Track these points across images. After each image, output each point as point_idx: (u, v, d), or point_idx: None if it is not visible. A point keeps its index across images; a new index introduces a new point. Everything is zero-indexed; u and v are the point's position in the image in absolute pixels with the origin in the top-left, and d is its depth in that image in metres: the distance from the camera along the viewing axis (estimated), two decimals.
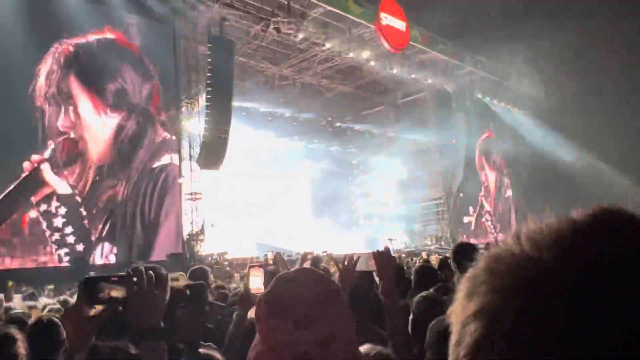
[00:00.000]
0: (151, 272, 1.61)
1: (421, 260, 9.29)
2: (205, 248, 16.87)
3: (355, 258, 2.54)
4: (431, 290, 3.43)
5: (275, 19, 17.81)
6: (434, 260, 9.71)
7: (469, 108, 25.95)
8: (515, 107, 28.96)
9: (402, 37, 20.24)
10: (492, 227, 28.60)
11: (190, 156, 17.18)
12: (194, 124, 17.61)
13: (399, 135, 27.51)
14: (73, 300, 5.08)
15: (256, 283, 2.71)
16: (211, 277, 4.67)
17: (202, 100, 17.33)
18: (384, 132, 29.08)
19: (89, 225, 14.25)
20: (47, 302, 5.33)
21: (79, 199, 14.17)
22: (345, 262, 2.55)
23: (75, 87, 14.55)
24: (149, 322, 1.54)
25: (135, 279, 1.57)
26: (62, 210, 13.75)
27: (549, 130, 26.91)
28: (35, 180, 13.36)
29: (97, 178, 14.55)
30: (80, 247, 13.92)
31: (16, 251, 12.85)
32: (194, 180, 17.14)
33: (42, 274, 12.13)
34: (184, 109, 17.52)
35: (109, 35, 15.56)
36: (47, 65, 14.12)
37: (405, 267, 7.16)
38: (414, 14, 20.89)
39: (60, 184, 13.88)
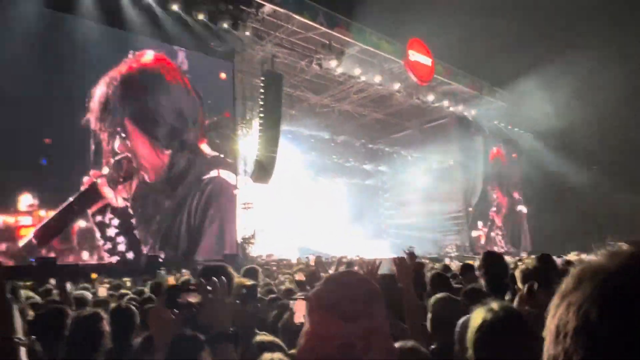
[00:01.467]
0: (223, 279, 1.60)
1: (442, 266, 9.10)
2: (255, 250, 17.05)
3: (377, 263, 2.52)
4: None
5: (317, 56, 18.04)
6: (454, 266, 9.49)
7: (485, 132, 25.46)
8: (528, 131, 28.22)
9: (427, 71, 20.11)
10: (502, 241, 27.63)
11: (245, 172, 17.48)
12: (248, 144, 17.96)
13: (424, 155, 27.21)
14: (147, 290, 5.24)
15: (300, 317, 2.65)
16: (260, 275, 4.69)
17: (255, 124, 17.69)
18: (410, 152, 28.82)
19: (139, 234, 13.86)
20: (125, 292, 5.51)
21: (131, 211, 13.79)
22: (369, 267, 2.53)
23: (128, 121, 14.07)
24: (220, 327, 1.53)
25: (209, 287, 1.57)
26: (115, 221, 13.38)
27: (560, 152, 26.02)
28: (92, 193, 13.00)
29: (149, 192, 14.16)
30: (130, 255, 13.48)
31: (67, 257, 12.45)
32: (247, 192, 17.41)
33: (115, 269, 12.31)
34: (239, 132, 17.89)
35: (158, 66, 15.04)
36: (100, 92, 13.62)
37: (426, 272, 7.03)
38: (438, 50, 20.76)
39: (114, 198, 13.51)
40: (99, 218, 13.09)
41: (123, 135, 13.90)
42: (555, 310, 0.60)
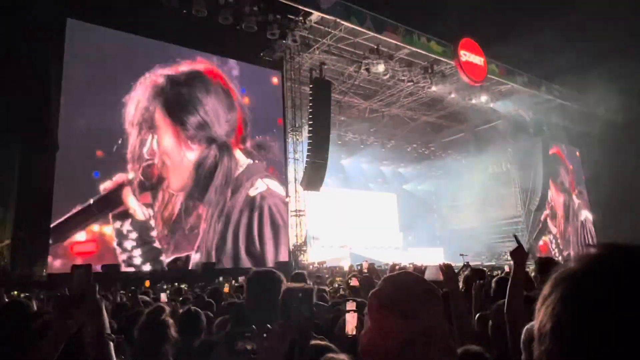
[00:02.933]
0: (276, 327, 1.60)
1: (503, 274, 8.80)
2: (308, 257, 17.23)
3: (422, 268, 2.53)
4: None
5: (366, 61, 18.07)
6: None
7: (545, 132, 24.38)
8: (592, 130, 26.70)
9: (480, 71, 19.60)
10: (555, 249, 25.95)
11: (295, 179, 17.74)
12: (298, 151, 18.25)
13: (479, 159, 26.45)
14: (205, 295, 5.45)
15: (351, 328, 2.68)
16: (308, 280, 4.74)
17: (305, 131, 17.94)
18: (464, 156, 28.12)
19: (161, 243, 13.70)
20: (186, 297, 5.76)
21: (152, 222, 13.57)
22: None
23: (160, 118, 14.15)
24: None
25: (265, 334, 1.58)
26: (134, 235, 13.17)
27: (629, 150, 24.37)
28: (115, 198, 12.94)
29: (176, 202, 14.04)
30: (147, 267, 13.25)
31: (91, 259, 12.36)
32: (298, 199, 17.65)
33: (171, 274, 12.78)
34: (289, 139, 18.20)
35: (199, 67, 15.29)
36: (136, 94, 13.85)
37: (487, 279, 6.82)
38: (492, 49, 20.19)
39: (137, 209, 13.34)
40: (118, 224, 13.03)
41: (153, 136, 14.02)
42: (537, 313, 0.66)
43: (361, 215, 27.16)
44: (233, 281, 9.01)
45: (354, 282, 4.85)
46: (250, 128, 16.63)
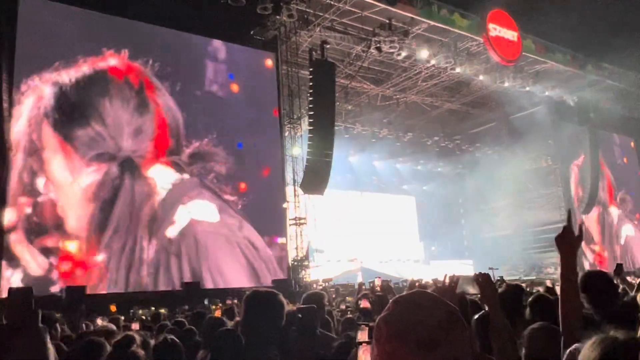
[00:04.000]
0: None
1: (543, 290, 8.74)
2: (311, 274, 17.21)
3: (454, 279, 2.47)
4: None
5: (376, 39, 18.04)
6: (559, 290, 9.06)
7: (593, 120, 24.27)
8: None
9: (513, 48, 19.52)
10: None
11: (294, 181, 17.70)
12: (297, 148, 18.23)
13: (512, 153, 26.36)
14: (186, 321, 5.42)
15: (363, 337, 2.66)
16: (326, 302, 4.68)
17: (305, 123, 17.90)
18: (496, 150, 28.03)
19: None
20: (164, 324, 5.72)
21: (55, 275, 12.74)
22: (446, 285, 2.48)
23: (48, 136, 13.14)
24: None
25: None
26: None
27: None
28: None
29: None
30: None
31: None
32: (298, 205, 17.62)
33: (152, 298, 12.90)
34: (286, 133, 18.19)
35: (103, 65, 14.27)
36: (27, 107, 12.92)
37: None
38: (527, 22, 20.10)
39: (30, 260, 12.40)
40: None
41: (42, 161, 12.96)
42: None
43: (373, 222, 27.14)
44: (220, 304, 8.99)
45: (365, 304, 4.80)
46: (186, 134, 15.65)
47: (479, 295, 2.64)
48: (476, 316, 2.90)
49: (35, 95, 13.27)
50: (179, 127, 15.63)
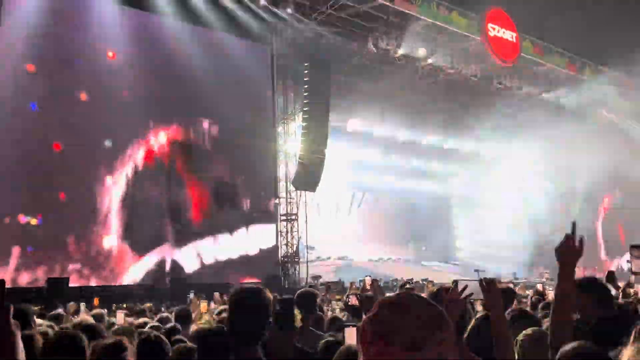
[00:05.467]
0: None
1: (533, 293, 8.81)
2: (301, 271, 17.25)
3: (462, 286, 2.46)
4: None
5: (373, 35, 18.02)
6: (550, 295, 9.16)
7: (591, 124, 24.36)
8: None
9: (512, 49, 19.59)
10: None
11: (287, 177, 17.70)
12: (289, 142, 18.24)
13: (509, 155, 26.47)
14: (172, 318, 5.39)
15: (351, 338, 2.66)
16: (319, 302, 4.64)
17: (299, 119, 17.90)
18: (492, 152, 28.09)
19: None
20: (144, 321, 5.60)
21: None
22: (454, 292, 2.47)
23: None
24: None
25: None
26: None
27: None
28: None
29: None
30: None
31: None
32: (290, 201, 17.64)
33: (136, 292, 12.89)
34: (280, 129, 18.17)
35: None
36: None
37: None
38: (525, 23, 20.15)
39: None
40: None
41: None
42: None
43: (366, 221, 27.18)
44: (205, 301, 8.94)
45: (353, 301, 4.82)
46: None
47: (484, 302, 2.62)
48: (477, 316, 2.89)
49: None
50: None
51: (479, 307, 3.45)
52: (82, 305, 7.24)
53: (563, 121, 24.52)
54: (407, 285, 12.05)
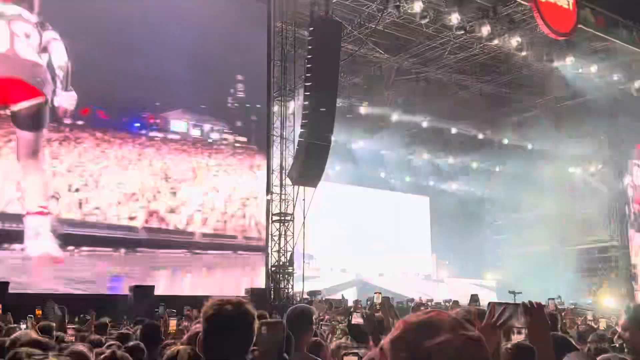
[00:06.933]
0: None
1: (581, 322, 8.87)
2: (296, 284, 17.31)
3: (500, 310, 2.43)
4: None
5: None
6: (603, 324, 9.21)
7: None
8: None
9: (567, 19, 19.49)
10: None
11: (282, 168, 17.70)
12: (288, 127, 18.23)
13: (558, 151, 26.45)
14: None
15: None
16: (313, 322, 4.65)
17: (300, 98, 17.89)
18: (535, 146, 28.10)
19: None
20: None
21: None
22: (489, 316, 2.44)
23: None
24: None
25: None
26: None
27: None
28: None
29: None
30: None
31: None
32: (285, 197, 17.64)
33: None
34: (275, 107, 18.15)
35: None
36: None
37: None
38: None
39: None
40: None
41: None
42: None
43: (376, 226, 27.21)
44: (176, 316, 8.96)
45: (356, 319, 4.84)
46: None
47: (526, 330, 2.60)
48: (515, 344, 2.92)
49: None
50: None
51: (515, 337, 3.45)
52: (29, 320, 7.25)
53: (624, 110, 24.48)
54: (423, 306, 12.08)
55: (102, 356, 3.12)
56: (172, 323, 7.43)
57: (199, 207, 16.69)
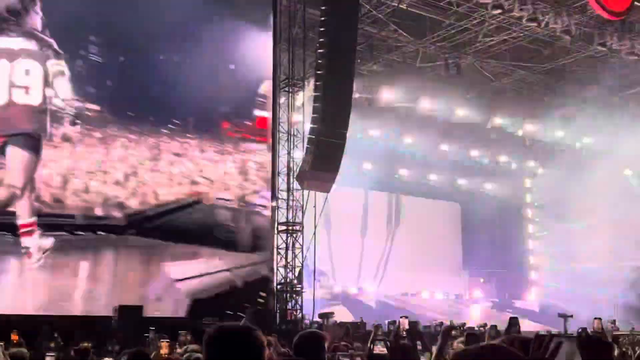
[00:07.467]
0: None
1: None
2: (305, 306, 17.31)
3: (554, 343, 2.42)
4: None
5: None
6: None
7: None
8: None
9: None
10: None
11: (290, 169, 17.73)
12: (298, 122, 18.29)
13: (612, 147, 26.34)
14: None
15: None
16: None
17: (310, 87, 17.93)
18: (585, 143, 27.97)
19: None
20: None
21: None
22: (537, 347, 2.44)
23: None
24: None
25: None
26: None
27: None
28: None
29: None
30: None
31: None
32: (293, 204, 17.68)
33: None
34: (282, 99, 18.20)
35: None
36: None
37: None
38: None
39: None
40: None
41: None
42: None
43: (397, 237, 27.17)
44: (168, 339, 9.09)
45: (380, 349, 4.86)
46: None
47: None
48: None
49: None
50: None
51: None
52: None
53: None
54: (454, 332, 12.07)
55: None
56: (165, 345, 7.54)
57: None
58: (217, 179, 17.24)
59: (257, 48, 17.91)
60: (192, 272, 16.24)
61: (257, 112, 17.73)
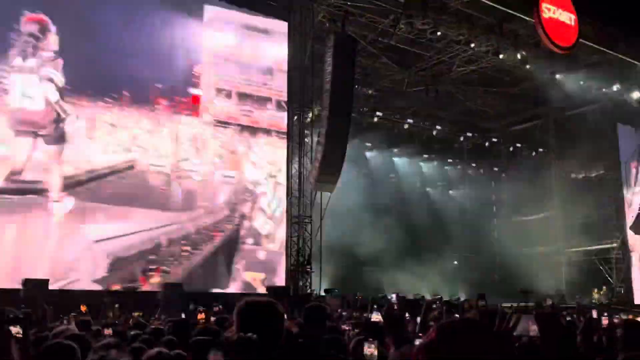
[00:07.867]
0: None
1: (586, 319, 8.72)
2: (313, 282, 17.41)
3: (515, 318, 2.37)
4: None
5: (407, 12, 17.94)
6: (604, 322, 9.05)
7: None
8: None
9: (569, 34, 19.31)
10: None
11: (300, 173, 17.77)
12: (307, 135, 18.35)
13: (560, 159, 26.26)
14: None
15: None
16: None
17: (316, 109, 18.03)
18: (539, 153, 27.91)
19: None
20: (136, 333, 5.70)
21: None
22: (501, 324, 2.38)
23: None
24: None
25: None
26: None
27: None
28: None
29: None
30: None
31: None
32: (304, 200, 17.75)
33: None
34: (295, 118, 18.22)
35: None
36: None
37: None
38: (586, 4, 19.90)
39: None
40: None
41: None
42: None
43: (390, 230, 27.04)
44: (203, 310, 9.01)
45: (375, 317, 4.89)
46: None
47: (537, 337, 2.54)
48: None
49: None
50: None
51: None
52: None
53: (627, 122, 24.18)
54: (434, 305, 11.99)
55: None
56: (201, 315, 7.53)
57: None
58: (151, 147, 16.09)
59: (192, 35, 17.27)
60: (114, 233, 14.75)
61: (192, 90, 17.02)
